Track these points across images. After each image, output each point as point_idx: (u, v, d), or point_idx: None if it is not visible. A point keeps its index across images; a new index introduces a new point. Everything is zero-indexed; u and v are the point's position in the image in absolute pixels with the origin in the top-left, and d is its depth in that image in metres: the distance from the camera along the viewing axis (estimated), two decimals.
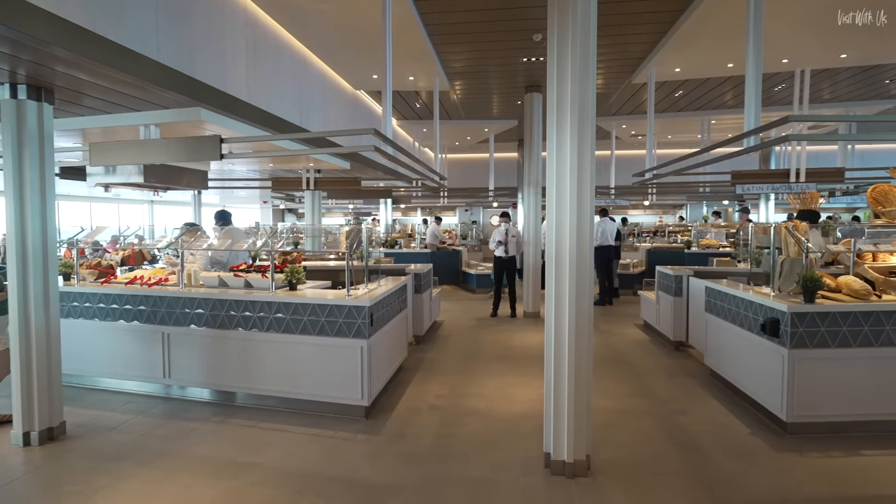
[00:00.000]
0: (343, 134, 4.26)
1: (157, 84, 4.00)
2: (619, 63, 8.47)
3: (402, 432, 4.19)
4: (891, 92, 10.36)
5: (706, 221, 14.35)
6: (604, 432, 4.13)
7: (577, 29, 3.33)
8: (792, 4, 5.86)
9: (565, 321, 3.45)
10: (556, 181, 3.47)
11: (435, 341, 7.25)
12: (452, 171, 17.46)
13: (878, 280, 4.37)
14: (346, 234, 6.03)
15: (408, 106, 11.30)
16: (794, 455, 3.75)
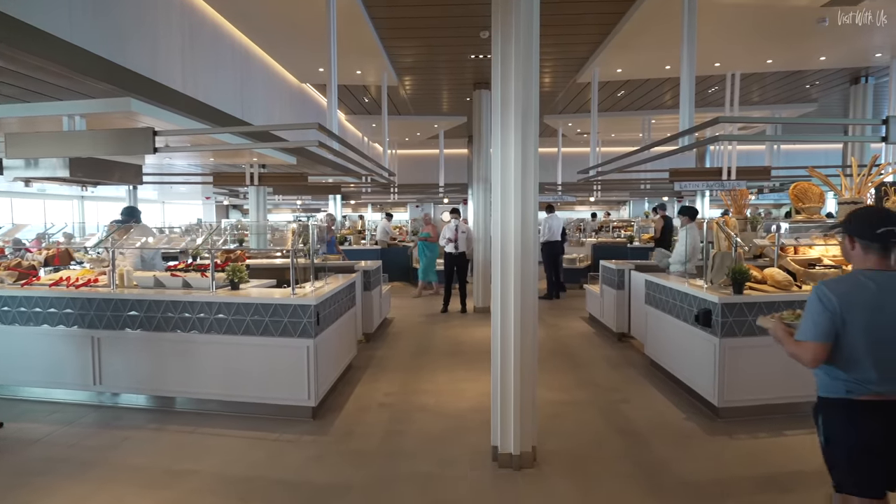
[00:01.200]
0: (286, 128, 4.16)
1: (81, 72, 3.75)
2: (565, 62, 8.67)
3: (349, 432, 4.14)
4: (811, 96, 11.12)
5: (647, 217, 14.97)
6: (550, 423, 4.23)
7: (520, 28, 3.37)
8: (723, 12, 6.18)
9: (511, 316, 3.50)
10: (501, 178, 3.51)
11: (385, 339, 7.20)
12: (403, 166, 17.36)
13: (798, 272, 4.69)
14: (292, 231, 5.87)
15: (356, 100, 11.14)
16: (725, 438, 3.98)
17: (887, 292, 2.04)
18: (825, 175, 5.46)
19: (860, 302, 2.03)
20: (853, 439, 2.06)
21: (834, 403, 2.12)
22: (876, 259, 2.09)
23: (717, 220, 4.83)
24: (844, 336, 2.02)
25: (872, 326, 2.01)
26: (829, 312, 2.03)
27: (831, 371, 2.10)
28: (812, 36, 7.15)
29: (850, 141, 7.95)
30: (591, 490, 3.26)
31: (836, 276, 2.37)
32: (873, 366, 2.01)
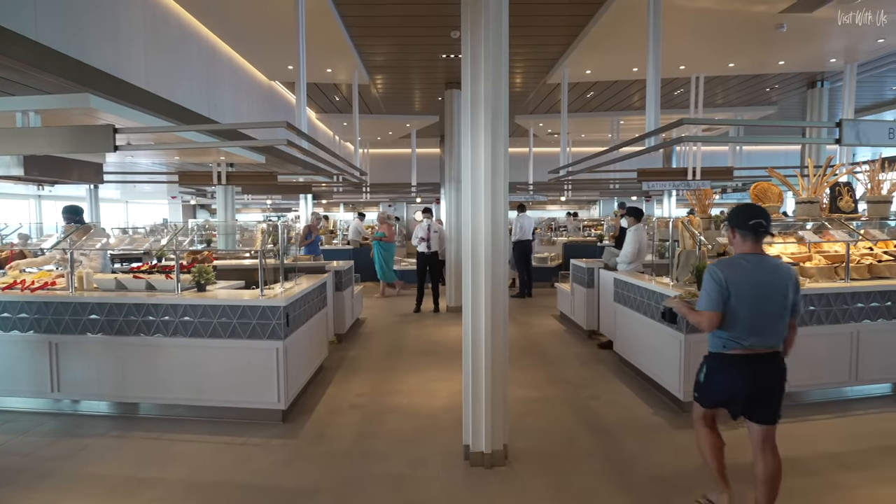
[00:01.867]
0: (254, 126, 4.09)
1: (36, 66, 3.61)
2: (536, 63, 8.76)
3: (320, 434, 4.09)
4: (772, 99, 11.52)
5: (616, 216, 15.23)
6: (521, 421, 4.27)
7: (489, 28, 3.39)
8: (687, 16, 6.34)
9: (482, 315, 3.52)
10: (471, 177, 3.52)
11: (357, 339, 7.15)
12: (375, 166, 17.26)
13: None
14: (262, 230, 5.76)
15: (327, 99, 11.01)
16: (689, 431, 4.04)
17: (758, 270, 2.67)
18: (784, 175, 5.66)
19: (739, 278, 2.65)
20: (721, 379, 2.78)
21: (714, 356, 2.81)
22: (750, 245, 2.72)
23: (682, 220, 4.96)
24: (729, 304, 2.65)
25: (748, 296, 2.64)
26: (719, 287, 2.65)
27: (716, 332, 2.74)
28: (771, 41, 7.41)
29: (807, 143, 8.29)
30: (562, 486, 3.30)
31: (724, 259, 2.86)
32: (747, 326, 2.64)
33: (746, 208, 2.80)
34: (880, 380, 4.70)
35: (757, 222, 2.67)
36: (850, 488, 3.21)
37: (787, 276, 2.70)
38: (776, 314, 2.66)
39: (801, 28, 6.82)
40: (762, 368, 2.68)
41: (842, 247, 5.00)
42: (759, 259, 2.69)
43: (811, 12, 6.20)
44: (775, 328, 2.67)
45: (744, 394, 2.70)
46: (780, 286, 2.67)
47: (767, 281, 2.66)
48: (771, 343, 2.68)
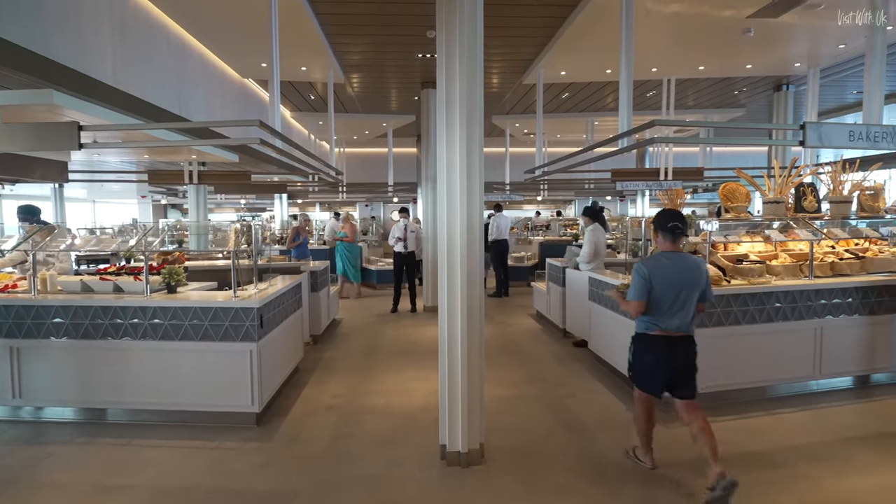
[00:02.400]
0: (226, 125, 4.01)
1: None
2: (511, 64, 8.81)
3: (295, 436, 4.04)
4: (740, 101, 11.83)
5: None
6: (497, 419, 4.29)
7: (464, 28, 3.40)
8: (658, 19, 6.46)
9: (458, 314, 3.52)
10: (446, 177, 3.52)
11: (333, 340, 7.08)
12: (351, 165, 17.13)
13: (728, 267, 4.97)
14: (235, 230, 5.66)
15: (301, 97, 10.89)
16: (659, 426, 4.15)
17: (677, 265, 3.21)
18: (751, 176, 5.82)
19: (661, 272, 3.18)
20: (649, 362, 3.30)
21: (639, 337, 3.35)
22: (669, 244, 3.25)
23: (652, 219, 5.04)
24: (653, 294, 3.18)
25: (668, 287, 3.16)
26: (644, 281, 3.17)
27: (642, 317, 3.27)
28: (739, 45, 7.61)
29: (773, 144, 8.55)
30: (538, 484, 3.33)
31: (649, 257, 3.43)
32: (666, 312, 3.18)
33: (667, 213, 3.35)
34: (842, 373, 4.87)
35: (674, 225, 3.23)
36: (815, 479, 3.32)
37: (700, 270, 3.25)
38: (690, 302, 3.20)
39: (767, 33, 7.02)
40: (679, 349, 3.24)
41: (806, 245, 5.17)
42: (677, 256, 3.25)
43: (777, 17, 6.38)
44: (689, 314, 3.21)
45: (666, 371, 3.26)
46: (695, 279, 3.20)
47: (684, 274, 3.19)
48: (686, 327, 3.23)
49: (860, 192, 5.70)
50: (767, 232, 5.35)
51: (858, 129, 4.46)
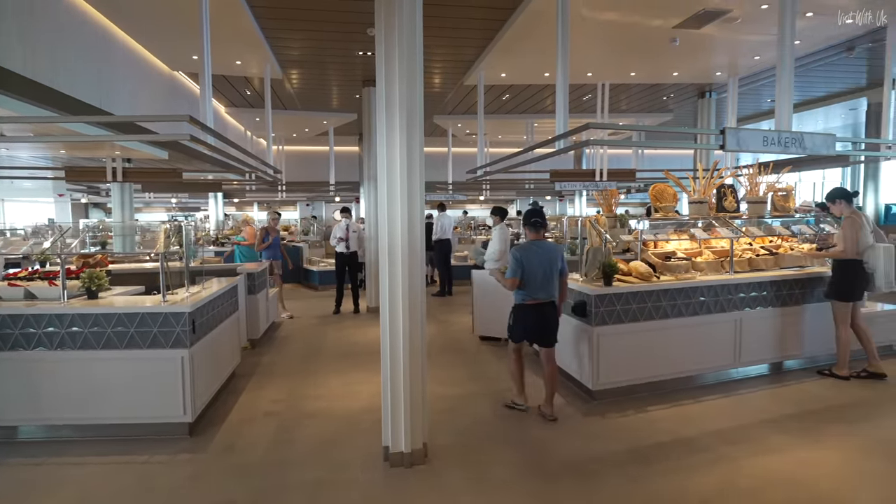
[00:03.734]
0: (152, 119, 3.80)
1: None
2: (453, 64, 8.87)
3: (232, 445, 3.89)
4: (668, 107, 12.50)
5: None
6: (441, 418, 4.32)
7: (403, 27, 3.38)
8: (592, 26, 6.71)
9: (399, 314, 3.51)
10: (387, 177, 3.50)
11: (273, 343, 6.87)
12: (291, 163, 16.68)
13: (658, 264, 5.24)
14: (165, 231, 5.36)
15: (237, 92, 10.48)
16: (599, 418, 4.34)
17: (540, 250, 4.22)
18: (678, 177, 6.17)
19: (529, 256, 4.18)
20: (521, 321, 4.30)
21: (518, 306, 4.31)
22: (534, 235, 4.31)
23: (589, 219, 5.24)
24: (525, 273, 4.16)
25: (534, 268, 4.16)
26: (517, 263, 4.17)
27: (519, 290, 4.24)
28: (667, 54, 8.04)
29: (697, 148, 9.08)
30: (481, 479, 3.38)
31: (521, 244, 4.40)
32: (535, 286, 4.18)
33: (530, 212, 4.41)
34: (758, 361, 5.26)
35: (535, 220, 4.31)
36: (733, 460, 3.56)
37: (557, 252, 4.32)
38: (552, 277, 4.23)
39: (692, 43, 7.46)
40: (545, 312, 4.25)
41: (727, 243, 5.54)
42: (541, 243, 4.30)
43: (699, 29, 6.80)
44: (552, 286, 4.25)
45: (536, 328, 4.28)
46: (554, 259, 4.25)
47: (546, 257, 4.21)
48: (550, 296, 4.25)
49: (773, 193, 6.17)
50: (693, 230, 5.68)
51: (771, 135, 4.83)
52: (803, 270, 5.46)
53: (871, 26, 6.92)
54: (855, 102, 11.65)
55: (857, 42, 7.76)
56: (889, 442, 3.80)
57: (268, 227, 8.42)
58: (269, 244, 8.23)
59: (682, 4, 6.13)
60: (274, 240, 8.29)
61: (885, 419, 4.20)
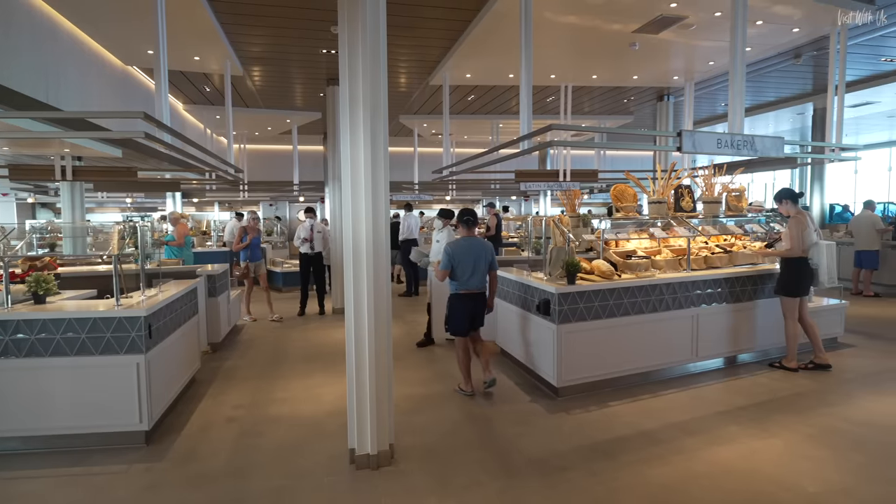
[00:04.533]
0: (104, 115, 3.65)
1: None
2: (418, 65, 8.86)
3: (192, 453, 3.77)
4: (629, 109, 12.82)
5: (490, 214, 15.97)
6: (407, 419, 4.31)
7: (367, 26, 3.35)
8: (555, 29, 6.82)
9: (365, 315, 3.48)
10: (351, 176, 3.47)
11: (235, 347, 6.70)
12: (254, 162, 16.31)
13: (619, 262, 5.37)
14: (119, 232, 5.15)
15: (195, 89, 10.17)
16: (563, 414, 4.42)
17: (471, 246, 4.68)
18: (639, 178, 6.34)
19: (461, 250, 4.64)
20: (457, 310, 4.76)
21: (454, 295, 4.78)
22: (466, 231, 4.80)
23: (552, 218, 5.32)
24: (456, 265, 4.64)
25: (466, 261, 4.63)
26: (450, 257, 4.63)
27: (453, 282, 4.74)
28: (627, 58, 8.25)
29: (656, 150, 9.39)
30: (448, 479, 3.38)
31: (455, 240, 4.80)
32: (466, 277, 4.65)
33: (463, 210, 4.91)
34: (714, 355, 5.46)
35: (467, 218, 4.83)
36: (691, 451, 3.69)
37: (486, 248, 4.77)
38: (482, 269, 4.71)
39: (650, 48, 7.68)
40: (476, 301, 4.77)
41: (684, 241, 5.72)
42: (471, 239, 4.75)
43: (657, 34, 7.00)
44: (482, 277, 4.73)
45: (469, 316, 4.74)
46: (483, 254, 4.70)
47: (477, 251, 4.67)
48: (480, 286, 4.74)
49: (727, 193, 6.42)
50: (652, 230, 5.85)
51: (724, 138, 5.02)
52: (755, 268, 5.70)
53: (815, 35, 7.29)
54: (802, 107, 12.23)
55: (803, 50, 8.15)
56: (832, 429, 4.01)
57: (247, 227, 8.16)
58: (246, 244, 8.01)
59: (640, 10, 6.30)
60: (253, 240, 8.07)
61: (830, 408, 4.43)
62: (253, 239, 8.08)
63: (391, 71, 9.09)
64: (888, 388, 4.85)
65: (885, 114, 12.99)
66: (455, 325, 4.79)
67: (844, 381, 5.08)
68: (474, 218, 4.86)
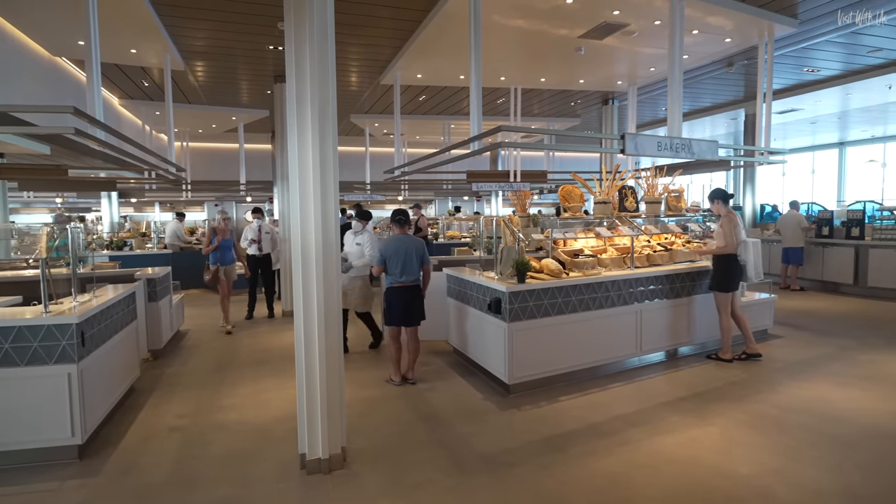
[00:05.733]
0: (28, 110, 3.44)
1: None
2: (369, 63, 8.78)
3: (129, 466, 3.59)
4: (576, 112, 13.18)
5: (450, 215, 16.07)
6: (360, 421, 4.27)
7: (314, 22, 3.30)
8: (504, 32, 6.93)
9: (314, 317, 3.42)
10: (299, 176, 3.40)
11: (178, 354, 6.42)
12: (198, 161, 15.68)
13: (567, 261, 5.52)
14: (48, 234, 4.82)
15: (132, 83, 9.67)
16: (514, 410, 4.49)
17: (402, 242, 5.07)
18: (585, 179, 6.54)
19: (393, 247, 5.06)
20: (392, 303, 5.09)
21: (389, 289, 5.14)
22: (398, 230, 5.22)
23: (502, 218, 5.41)
24: (388, 261, 5.06)
25: (397, 256, 5.02)
26: (381, 254, 5.12)
27: (387, 276, 5.13)
28: (573, 62, 8.48)
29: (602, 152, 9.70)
30: (400, 479, 3.38)
31: (388, 238, 5.35)
32: (398, 271, 5.03)
33: (395, 211, 5.32)
34: (657, 349, 5.71)
35: (399, 218, 5.26)
36: (636, 442, 3.84)
37: (417, 244, 5.15)
38: (414, 263, 5.08)
39: (595, 53, 7.93)
40: (409, 293, 5.09)
41: (628, 240, 5.95)
42: (403, 237, 5.15)
43: (602, 40, 7.24)
44: (414, 271, 5.09)
45: (403, 308, 5.06)
46: (414, 250, 5.09)
47: (407, 247, 5.06)
48: (413, 280, 5.09)
49: (668, 194, 6.73)
50: (598, 229, 6.05)
51: (664, 141, 5.25)
52: (693, 265, 6.00)
53: (745, 46, 7.74)
54: (735, 113, 12.96)
55: (735, 59, 8.64)
56: (763, 415, 4.28)
57: (217, 228, 7.57)
58: (215, 247, 7.43)
59: (585, 16, 6.49)
60: (223, 242, 7.48)
61: (761, 395, 4.73)
62: (222, 241, 7.48)
63: (341, 69, 8.96)
64: (812, 376, 5.22)
65: (808, 120, 13.96)
66: (391, 316, 5.11)
67: (774, 370, 5.43)
68: (405, 217, 5.27)
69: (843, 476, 3.32)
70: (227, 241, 7.55)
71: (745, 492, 3.16)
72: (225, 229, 7.59)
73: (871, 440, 3.80)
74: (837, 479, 3.29)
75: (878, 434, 3.90)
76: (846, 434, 3.91)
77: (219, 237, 7.47)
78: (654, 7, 6.16)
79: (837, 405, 4.45)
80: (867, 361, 5.64)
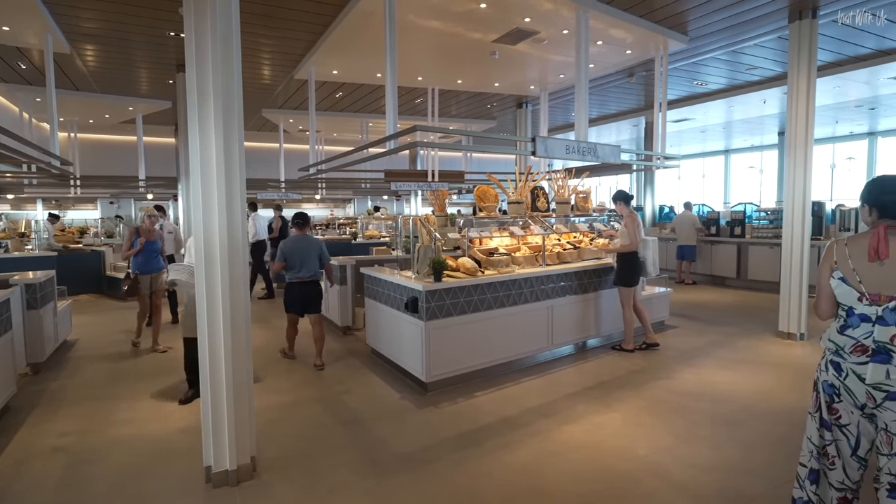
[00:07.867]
0: None
1: None
2: (282, 57, 8.45)
3: (4, 492, 3.20)
4: (493, 114, 13.52)
5: (369, 214, 15.88)
6: (272, 428, 4.11)
7: (216, 9, 3.12)
8: (419, 32, 6.95)
9: (220, 322, 3.24)
10: (201, 172, 3.21)
11: (64, 366, 5.82)
12: (89, 154, 14.29)
13: (483, 260, 5.66)
14: None
15: (7, 65, 8.62)
16: (432, 408, 4.53)
17: (302, 242, 5.67)
18: (500, 180, 6.72)
19: (292, 246, 5.62)
20: (290, 296, 5.74)
21: (287, 284, 5.73)
22: (298, 231, 5.75)
23: (419, 218, 5.43)
24: (288, 259, 5.59)
25: (297, 254, 5.61)
26: (283, 252, 5.61)
27: (288, 273, 5.66)
28: (488, 65, 8.69)
29: (516, 154, 10.05)
30: (314, 486, 3.29)
31: (289, 237, 5.79)
32: (297, 268, 5.62)
33: (296, 214, 5.80)
34: (567, 342, 6.00)
35: (299, 221, 5.79)
36: (546, 432, 4.02)
37: (316, 242, 5.76)
38: (313, 260, 5.66)
39: (509, 58, 8.17)
40: (307, 288, 5.70)
41: (540, 239, 6.20)
42: (303, 237, 5.72)
43: (514, 45, 7.48)
44: (313, 267, 5.67)
45: (301, 300, 5.68)
46: (313, 248, 5.68)
47: (306, 246, 5.65)
48: (311, 276, 5.66)
49: (576, 195, 7.09)
50: (512, 228, 6.25)
51: (572, 144, 5.52)
52: (599, 262, 6.37)
53: (644, 58, 8.34)
54: (637, 120, 13.93)
55: (636, 70, 9.29)
56: (659, 400, 4.64)
57: (139, 229, 6.46)
58: (137, 251, 6.33)
59: (498, 21, 6.67)
60: (146, 246, 6.38)
61: (658, 381, 5.12)
62: (146, 244, 6.37)
63: (251, 61, 8.55)
64: (702, 362, 5.73)
65: (699, 129, 15.32)
66: (289, 306, 5.78)
67: (669, 357, 5.91)
68: (304, 220, 5.81)
69: (726, 452, 3.68)
70: (152, 243, 6.47)
71: (642, 471, 3.41)
72: (150, 230, 6.49)
73: (750, 419, 4.25)
74: (721, 455, 3.64)
75: (756, 413, 4.36)
76: (729, 414, 4.33)
77: (142, 239, 6.39)
78: (562, 17, 6.46)
79: (722, 388, 4.93)
80: (745, 346, 6.30)
